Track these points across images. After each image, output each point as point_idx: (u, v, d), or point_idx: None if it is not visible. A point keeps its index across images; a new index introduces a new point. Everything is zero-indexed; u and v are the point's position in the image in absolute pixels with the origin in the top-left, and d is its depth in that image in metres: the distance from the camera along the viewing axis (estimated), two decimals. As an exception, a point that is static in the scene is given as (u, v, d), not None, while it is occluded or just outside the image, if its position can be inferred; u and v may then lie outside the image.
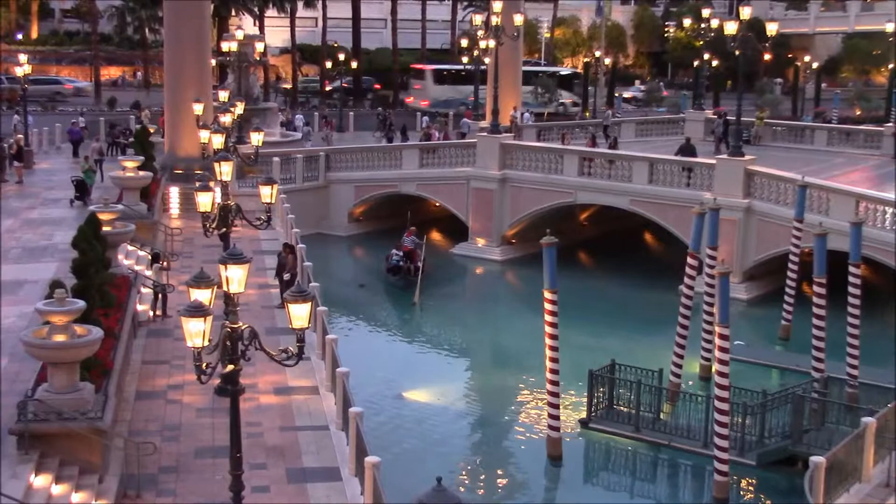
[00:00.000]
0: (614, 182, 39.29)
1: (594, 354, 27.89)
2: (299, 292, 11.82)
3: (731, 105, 59.27)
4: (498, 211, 41.40)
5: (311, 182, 44.02)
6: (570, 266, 36.66)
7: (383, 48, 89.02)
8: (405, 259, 37.46)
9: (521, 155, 41.76)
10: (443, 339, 33.40)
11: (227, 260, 12.37)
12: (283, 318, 23.34)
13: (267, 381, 20.81)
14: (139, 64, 79.86)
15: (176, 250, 31.39)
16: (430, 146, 45.84)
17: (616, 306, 35.52)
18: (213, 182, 21.04)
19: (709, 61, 70.72)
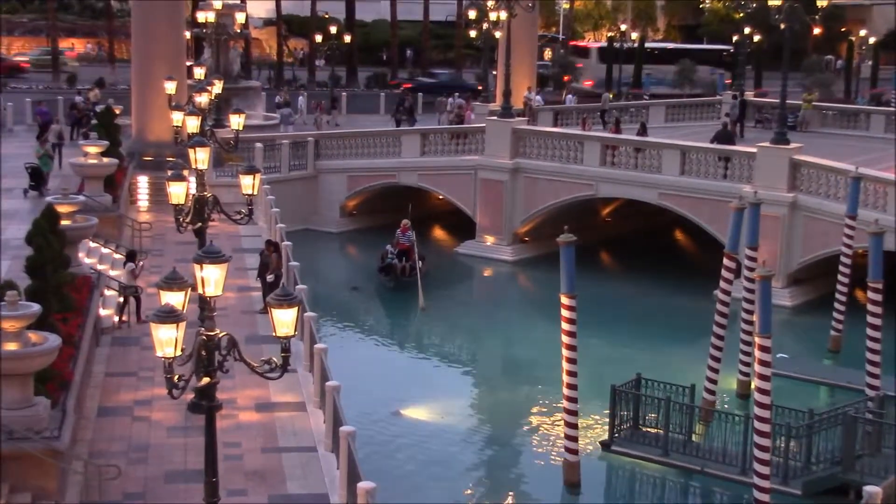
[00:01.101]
0: (641, 173, 39.28)
1: (617, 368, 27.87)
2: (284, 296, 11.82)
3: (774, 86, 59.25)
4: (509, 205, 41.41)
5: (299, 171, 44.05)
6: (590, 268, 36.65)
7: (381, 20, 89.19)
8: (401, 258, 37.50)
9: (536, 141, 41.75)
10: (446, 350, 33.41)
11: (203, 259, 12.37)
12: (265, 324, 23.32)
13: (247, 396, 20.81)
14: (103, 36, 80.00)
15: (145, 248, 31.40)
16: (433, 131, 45.85)
17: (642, 313, 35.51)
18: (187, 171, 21.03)
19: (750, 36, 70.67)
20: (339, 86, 68.59)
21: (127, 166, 37.63)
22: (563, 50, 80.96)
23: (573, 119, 53.80)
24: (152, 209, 37.15)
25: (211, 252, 12.45)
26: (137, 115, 41.09)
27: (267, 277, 26.66)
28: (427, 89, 66.47)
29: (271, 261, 27.04)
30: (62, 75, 66.58)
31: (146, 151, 39.93)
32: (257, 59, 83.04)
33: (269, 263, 27.02)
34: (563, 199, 40.66)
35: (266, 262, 27.18)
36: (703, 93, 67.65)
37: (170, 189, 19.32)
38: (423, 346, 33.45)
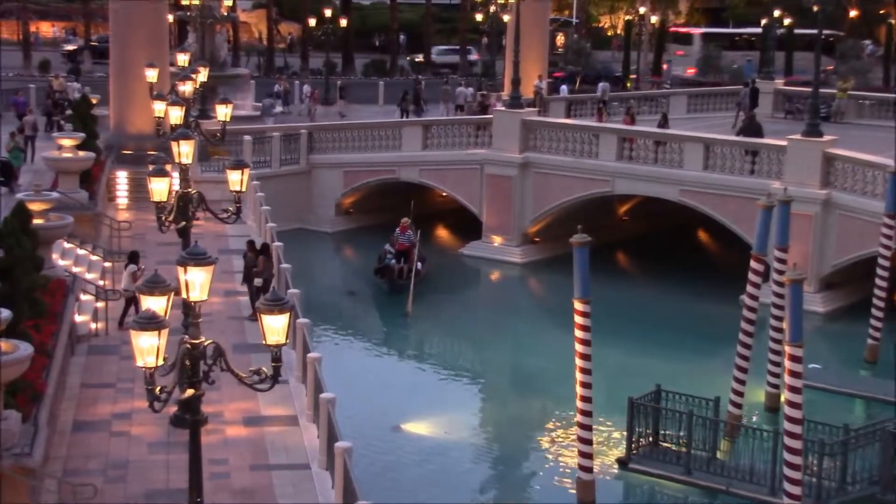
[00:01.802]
0: (661, 168, 39.28)
1: (635, 379, 27.85)
2: (275, 301, 11.82)
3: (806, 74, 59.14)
4: (518, 203, 41.42)
5: (291, 166, 44.09)
6: (606, 270, 36.66)
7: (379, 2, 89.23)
8: (400, 259, 37.52)
9: (547, 134, 41.77)
10: (450, 359, 33.41)
11: (187, 261, 12.37)
12: (255, 332, 23.32)
13: (235, 409, 20.82)
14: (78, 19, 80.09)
15: (124, 248, 31.41)
16: (436, 122, 45.86)
17: (662, 320, 35.50)
18: (169, 165, 21.04)
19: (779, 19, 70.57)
20: (334, 73, 68.71)
21: (105, 160, 37.65)
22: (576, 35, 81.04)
23: (587, 109, 53.82)
24: (132, 207, 37.16)
25: (196, 253, 12.46)
26: (116, 105, 41.12)
27: (255, 282, 26.65)
28: (583, 79, 66.66)
29: (259, 263, 27.02)
30: (33, 60, 66.58)
31: (125, 144, 39.96)
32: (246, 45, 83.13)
33: (255, 266, 26.99)
34: (577, 196, 40.66)
35: (251, 264, 27.14)
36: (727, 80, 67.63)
37: (151, 185, 19.32)
38: (426, 355, 33.46)
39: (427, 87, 62.56)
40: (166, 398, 11.99)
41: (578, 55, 72.76)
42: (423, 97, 58.58)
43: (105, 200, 36.15)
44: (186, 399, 12.20)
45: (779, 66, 68.85)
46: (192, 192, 20.11)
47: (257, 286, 26.42)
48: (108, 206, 36.60)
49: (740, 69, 75.12)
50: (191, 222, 20.37)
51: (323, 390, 18.94)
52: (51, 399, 18.60)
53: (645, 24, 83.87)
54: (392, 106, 59.41)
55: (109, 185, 37.74)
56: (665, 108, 54.05)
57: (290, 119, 52.99)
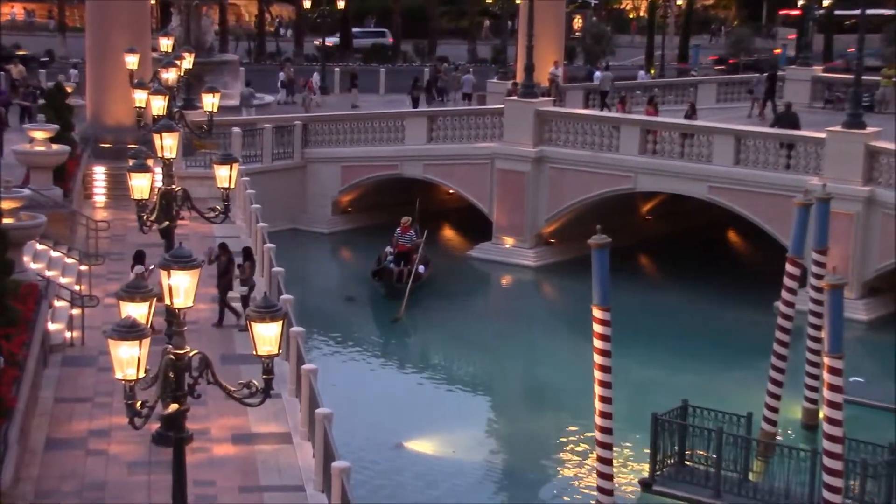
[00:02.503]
0: (688, 163, 39.23)
1: (659, 393, 27.83)
2: (267, 308, 11.81)
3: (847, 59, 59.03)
4: (532, 200, 41.41)
5: (284, 161, 44.12)
6: (627, 274, 36.64)
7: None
8: (400, 261, 37.51)
9: (564, 126, 41.75)
10: (457, 372, 33.40)
11: (171, 264, 12.36)
12: (244, 341, 23.34)
13: (223, 425, 20.83)
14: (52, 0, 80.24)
15: (101, 250, 31.46)
16: (442, 113, 45.85)
17: (689, 329, 35.46)
18: (151, 160, 21.06)
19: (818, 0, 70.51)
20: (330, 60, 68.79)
21: (81, 154, 37.70)
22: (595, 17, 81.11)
23: (608, 98, 53.75)
24: (111, 205, 37.21)
25: (180, 256, 12.45)
26: (93, 95, 41.18)
27: (240, 290, 26.46)
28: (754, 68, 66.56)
29: (243, 269, 26.79)
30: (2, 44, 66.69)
31: (103, 137, 40.01)
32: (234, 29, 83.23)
33: (227, 272, 26.71)
34: (596, 193, 40.63)
35: (223, 269, 26.83)
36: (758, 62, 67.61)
37: (131, 182, 19.34)
38: (431, 366, 33.44)
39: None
40: (148, 414, 11.98)
41: (597, 40, 72.76)
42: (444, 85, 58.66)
43: (81, 198, 36.19)
44: (170, 415, 12.19)
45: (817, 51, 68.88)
46: (176, 190, 20.12)
47: (242, 294, 26.32)
48: (85, 204, 36.64)
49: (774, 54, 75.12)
50: (175, 222, 20.36)
51: (319, 405, 18.94)
52: (21, 415, 18.60)
53: (670, 7, 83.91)
54: (395, 95, 59.47)
55: (86, 182, 37.79)
56: (693, 96, 54.03)
57: (296, 110, 53.02)
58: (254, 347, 11.92)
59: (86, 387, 22.76)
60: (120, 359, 11.49)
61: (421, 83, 59.02)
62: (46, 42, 70.45)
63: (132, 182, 19.32)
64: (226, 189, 19.60)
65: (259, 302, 11.92)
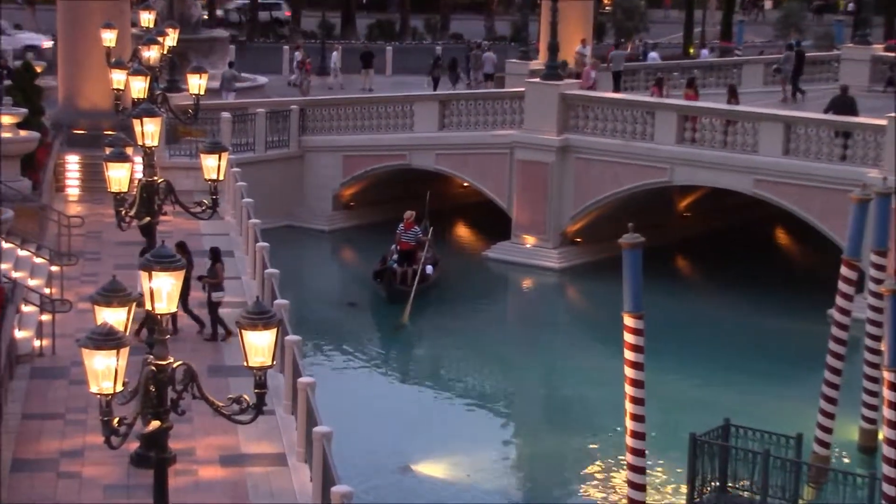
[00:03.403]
0: (731, 153, 39.10)
1: (698, 411, 27.81)
2: (260, 314, 11.81)
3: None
4: (556, 195, 41.35)
5: (279, 150, 44.12)
6: (663, 278, 36.61)
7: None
8: (404, 261, 37.51)
9: (592, 111, 41.65)
10: (471, 385, 33.38)
11: (153, 264, 12.38)
12: (234, 352, 23.35)
13: (210, 445, 20.83)
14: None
15: (75, 249, 31.49)
16: (456, 97, 45.81)
17: (732, 339, 35.40)
18: (131, 148, 21.08)
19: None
20: (331, 37, 68.86)
21: (52, 142, 37.72)
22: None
23: (640, 82, 53.65)
24: (85, 199, 37.22)
25: (163, 256, 12.47)
26: (65, 75, 41.19)
27: (215, 296, 26.17)
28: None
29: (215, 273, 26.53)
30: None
31: (77, 123, 40.01)
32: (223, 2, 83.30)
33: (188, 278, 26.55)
34: (628, 187, 40.53)
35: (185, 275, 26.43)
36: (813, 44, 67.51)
37: (108, 172, 19.35)
38: (442, 380, 33.42)
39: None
40: (126, 432, 11.99)
41: (629, 15, 72.71)
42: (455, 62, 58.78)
43: (52, 191, 36.21)
44: (150, 433, 12.19)
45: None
46: (159, 181, 20.13)
47: (216, 302, 26.07)
48: (56, 197, 36.67)
49: (830, 32, 74.93)
50: (156, 218, 20.39)
51: (317, 423, 18.93)
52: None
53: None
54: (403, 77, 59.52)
55: (57, 173, 37.80)
56: (735, 79, 53.82)
57: (313, 93, 53.31)
58: (245, 358, 11.92)
59: (57, 401, 22.76)
60: (95, 370, 11.50)
61: (443, 62, 59.00)
62: (13, 16, 70.46)
63: (109, 173, 19.33)
64: (214, 181, 19.60)
65: (251, 307, 11.92)
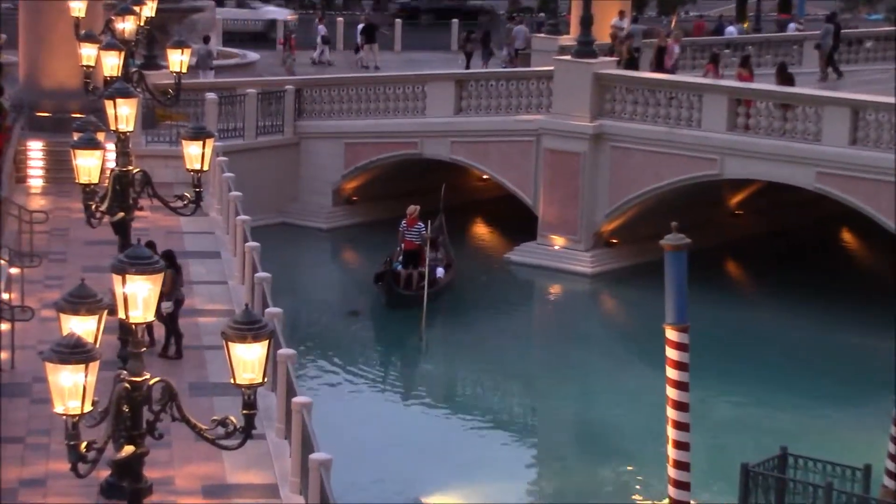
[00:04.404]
0: (790, 142, 39.01)
1: (751, 438, 27.82)
2: (249, 324, 11.81)
3: None
4: (588, 190, 41.30)
5: (272, 136, 44.17)
6: (711, 285, 36.58)
7: None
8: (408, 263, 37.56)
9: (631, 94, 41.60)
10: (490, 407, 33.35)
11: (127, 267, 12.40)
12: (220, 367, 23.38)
13: (191, 473, 20.84)
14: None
15: (38, 248, 31.54)
16: (474, 76, 45.77)
17: (790, 355, 35.31)
18: (102, 133, 21.12)
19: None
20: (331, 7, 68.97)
21: (12, 126, 37.79)
22: None
23: (688, 59, 53.47)
24: (50, 191, 37.27)
25: (138, 257, 12.49)
26: (27, 51, 41.25)
27: (164, 307, 25.88)
28: None
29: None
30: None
31: (41, 104, 40.08)
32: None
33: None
34: (671, 181, 40.45)
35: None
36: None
37: (77, 161, 19.38)
38: (456, 401, 33.38)
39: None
40: (95, 458, 12.00)
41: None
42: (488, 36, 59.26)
43: (12, 182, 36.28)
44: (123, 459, 12.21)
45: None
46: (134, 172, 20.16)
47: (167, 312, 25.86)
48: (17, 189, 36.73)
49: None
50: (132, 213, 20.42)
51: (314, 449, 18.95)
52: (-65, 457, 18.65)
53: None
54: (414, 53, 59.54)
55: (18, 161, 37.87)
56: (795, 58, 53.62)
57: (331, 71, 53.54)
58: (231, 374, 11.93)
59: (16, 423, 22.77)
60: (60, 387, 11.50)
61: (476, 35, 59.26)
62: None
63: (78, 162, 19.36)
64: (197, 172, 19.62)
65: (239, 317, 11.92)
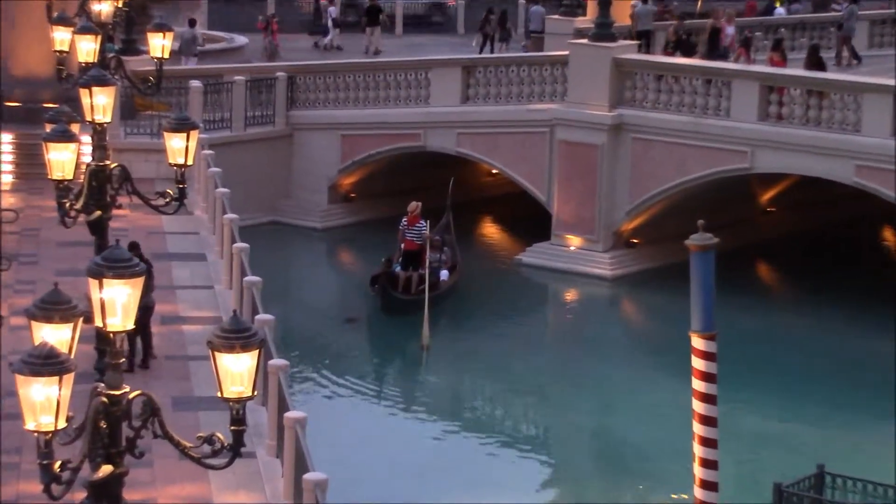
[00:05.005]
0: (826, 132, 38.98)
1: (784, 455, 27.86)
2: (237, 332, 11.81)
3: None
4: (607, 185, 41.27)
5: (262, 128, 44.17)
6: (740, 289, 36.61)
7: None
8: (408, 264, 37.56)
9: (653, 81, 41.55)
10: (499, 423, 33.37)
11: (105, 269, 12.41)
12: (205, 379, 23.40)
13: (175, 495, 20.87)
14: None
15: (7, 250, 31.55)
16: (483, 61, 45.74)
17: (826, 365, 35.28)
18: (77, 125, 21.13)
19: None
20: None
21: (-21, 117, 37.88)
22: None
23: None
24: (20, 187, 37.29)
25: (117, 259, 12.49)
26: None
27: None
28: None
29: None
30: None
31: (10, 93, 40.13)
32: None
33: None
34: (697, 175, 40.41)
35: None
36: None
37: (49, 155, 19.40)
38: (462, 416, 33.36)
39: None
40: (70, 479, 12.01)
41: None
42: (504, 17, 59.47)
43: (-20, 178, 36.37)
44: (101, 480, 12.22)
45: None
46: (112, 167, 20.18)
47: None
48: (-15, 185, 36.82)
49: None
50: (109, 212, 20.44)
51: (308, 468, 18.97)
52: None
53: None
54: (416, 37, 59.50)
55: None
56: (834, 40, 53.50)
57: (341, 56, 53.65)
58: (218, 387, 11.94)
59: (-15, 440, 22.85)
60: (32, 402, 11.52)
61: (495, 15, 59.33)
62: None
63: (50, 156, 19.39)
64: (180, 166, 19.64)
65: (226, 324, 11.92)
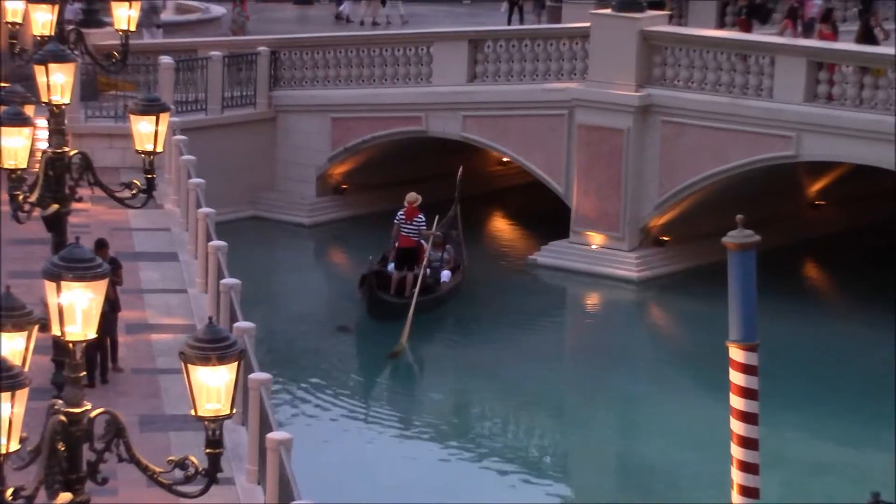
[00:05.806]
0: (880, 115, 38.97)
1: (834, 480, 27.87)
2: (213, 342, 11.80)
3: None
4: (633, 175, 41.28)
5: (242, 110, 44.27)
6: (785, 293, 36.66)
7: None
8: (403, 263, 37.68)
9: (685, 56, 41.55)
10: (510, 444, 33.40)
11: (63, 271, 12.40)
12: (177, 396, 23.42)
13: (142, 526, 20.92)
14: None
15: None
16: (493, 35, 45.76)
17: (881, 380, 35.22)
18: (31, 107, 21.14)
19: None
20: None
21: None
22: None
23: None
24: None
25: (77, 259, 12.49)
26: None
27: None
28: None
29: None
30: None
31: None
32: None
33: None
34: (736, 164, 40.41)
35: None
36: None
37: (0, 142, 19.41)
38: (468, 435, 33.38)
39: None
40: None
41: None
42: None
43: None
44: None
45: None
46: (71, 154, 20.18)
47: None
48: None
49: None
50: (68, 205, 20.44)
51: (294, 496, 18.99)
52: None
53: None
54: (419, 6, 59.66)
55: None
56: (891, 11, 53.52)
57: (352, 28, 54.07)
58: (192, 405, 11.93)
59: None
60: (-18, 420, 11.55)
61: None
62: None
63: (1, 142, 19.40)
64: (149, 154, 19.64)
65: (201, 333, 11.92)
